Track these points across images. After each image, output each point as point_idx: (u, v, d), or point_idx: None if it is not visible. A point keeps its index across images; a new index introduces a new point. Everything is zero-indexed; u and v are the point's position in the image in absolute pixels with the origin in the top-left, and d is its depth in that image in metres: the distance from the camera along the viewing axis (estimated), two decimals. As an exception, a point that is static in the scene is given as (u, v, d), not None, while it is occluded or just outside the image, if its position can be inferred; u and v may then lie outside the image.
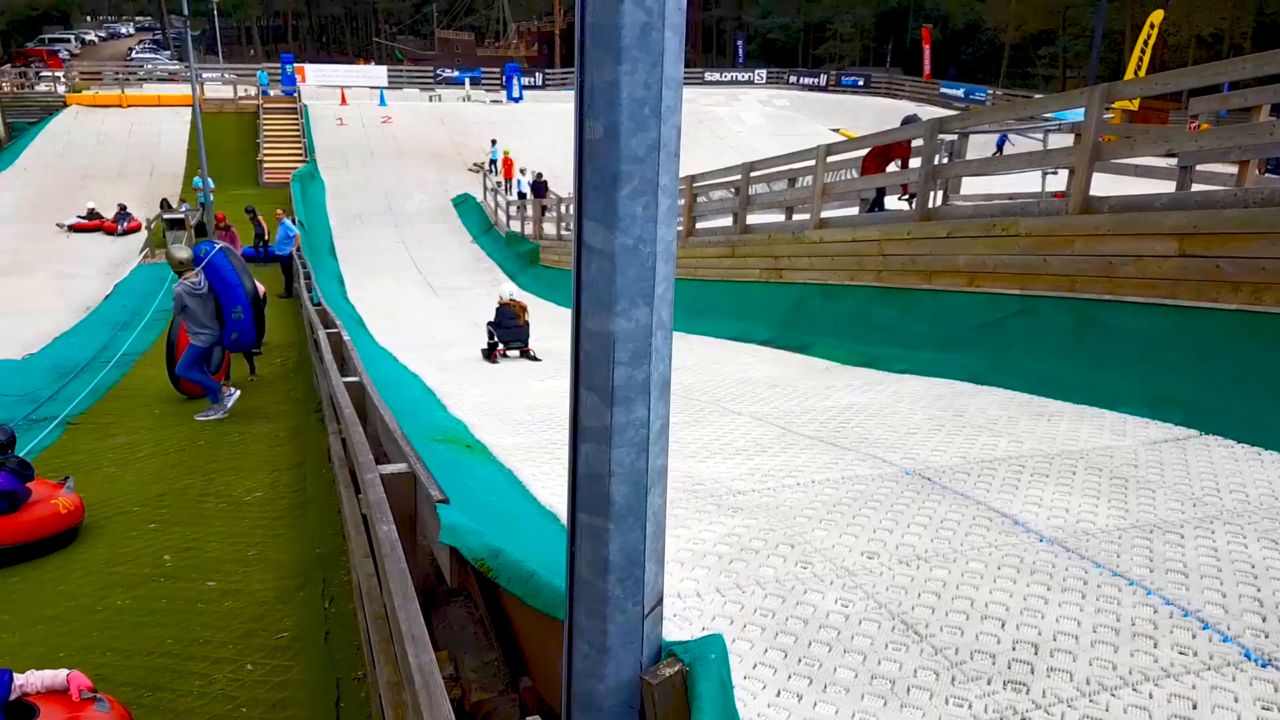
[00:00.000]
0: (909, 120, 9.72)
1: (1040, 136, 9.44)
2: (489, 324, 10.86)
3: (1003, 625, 2.75)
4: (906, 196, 10.68)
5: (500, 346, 10.64)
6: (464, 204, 30.05)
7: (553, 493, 4.38)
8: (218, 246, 9.78)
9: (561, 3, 73.32)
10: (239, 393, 10.25)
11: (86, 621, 5.13)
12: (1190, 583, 2.99)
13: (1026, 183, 12.12)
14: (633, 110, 1.12)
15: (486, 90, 49.00)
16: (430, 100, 44.87)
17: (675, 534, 3.44)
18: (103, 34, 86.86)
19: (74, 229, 26.97)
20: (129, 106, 38.76)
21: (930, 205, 9.14)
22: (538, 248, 22.48)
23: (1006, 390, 6.22)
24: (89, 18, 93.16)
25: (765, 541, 3.44)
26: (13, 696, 3.63)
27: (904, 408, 5.93)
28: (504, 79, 47.68)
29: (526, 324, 10.88)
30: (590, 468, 1.27)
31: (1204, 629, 2.68)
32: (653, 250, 1.18)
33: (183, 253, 9.84)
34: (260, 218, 23.21)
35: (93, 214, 27.44)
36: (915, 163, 10.49)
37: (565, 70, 61.11)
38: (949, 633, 2.71)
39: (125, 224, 27.18)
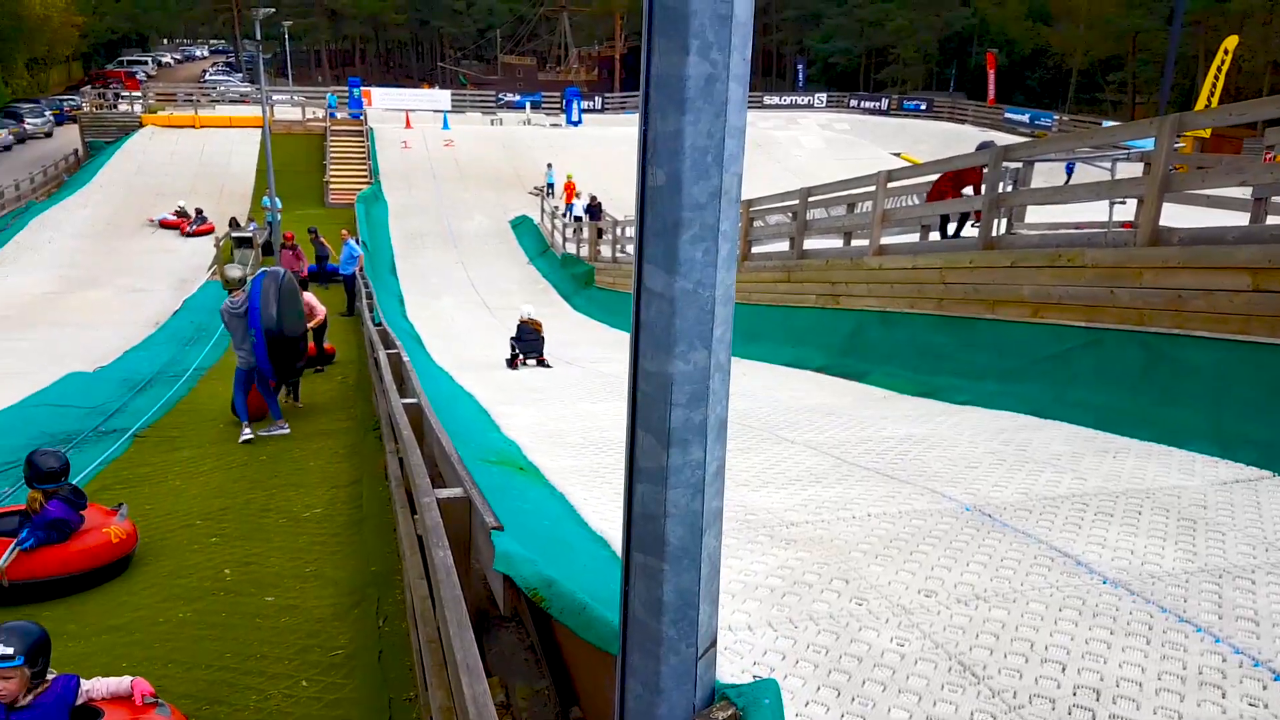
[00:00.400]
0: (984, 146, 9.60)
1: (1108, 165, 9.25)
2: (512, 338, 12.72)
3: (1063, 669, 2.68)
4: (977, 225, 10.53)
5: (520, 356, 12.55)
6: (521, 225, 30.42)
7: (603, 518, 4.38)
8: (268, 271, 9.97)
9: (623, 28, 74.11)
10: (286, 429, 9.97)
11: (149, 633, 5.25)
12: (1261, 631, 2.89)
13: (1093, 212, 11.90)
14: (695, 159, 1.13)
15: (546, 114, 49.65)
16: (491, 124, 45.58)
17: (726, 565, 3.42)
18: (178, 56, 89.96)
19: (163, 224, 30.27)
20: (201, 127, 39.97)
21: (994, 233, 9.03)
22: (593, 270, 22.64)
23: (1071, 425, 6.09)
24: (166, 41, 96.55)
25: (819, 576, 3.40)
26: (79, 701, 3.75)
27: (964, 440, 5.84)
28: (564, 103, 48.25)
29: (542, 338, 12.83)
30: (646, 508, 1.27)
31: (1275, 680, 2.59)
32: (712, 294, 1.19)
33: (235, 271, 10.07)
34: (323, 238, 23.57)
35: (181, 213, 30.53)
36: (962, 192, 10.38)
37: (625, 94, 61.66)
38: (1007, 675, 2.65)
39: (196, 226, 29.62)
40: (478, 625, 2.45)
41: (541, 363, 12.55)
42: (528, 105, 50.67)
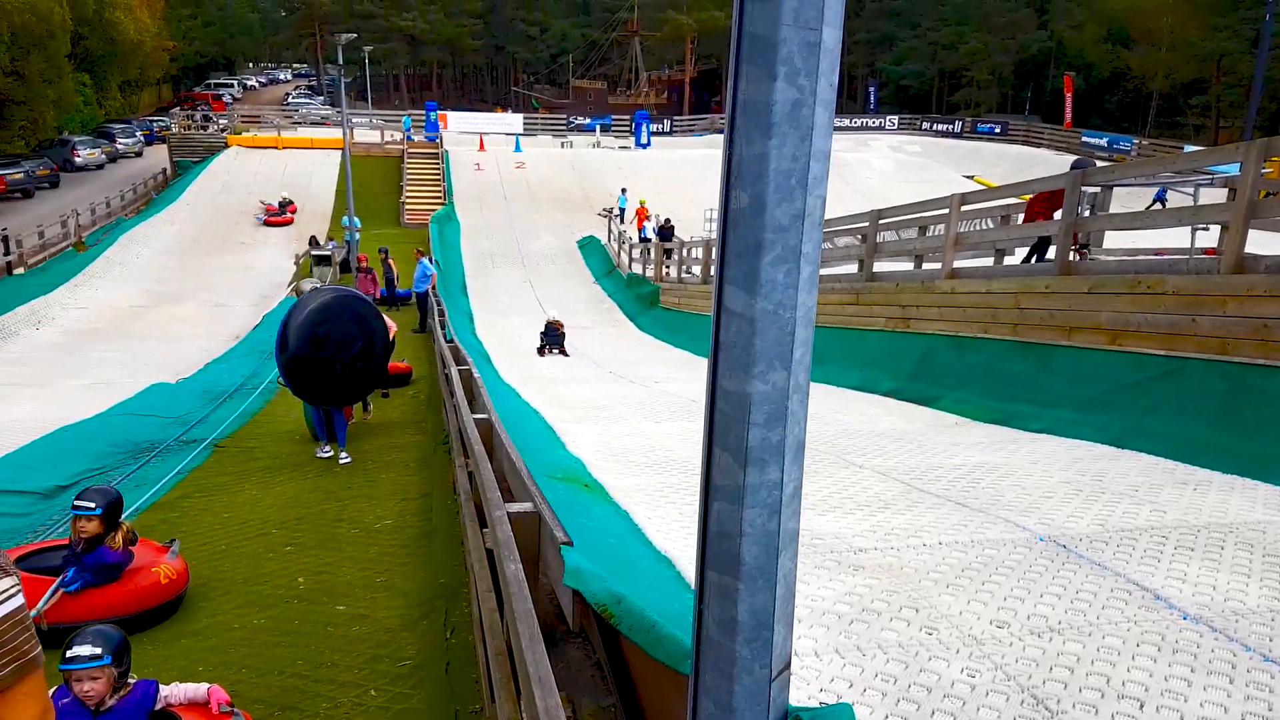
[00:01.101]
0: (1078, 166, 9.43)
1: (1190, 190, 9.01)
2: (541, 334, 17.73)
3: (1141, 706, 2.61)
4: (1076, 246, 10.32)
5: (546, 347, 17.28)
6: (588, 246, 30.72)
7: (667, 537, 4.39)
8: (323, 288, 9.92)
9: (694, 52, 74.51)
10: (329, 454, 9.68)
11: (225, 638, 5.40)
12: (1354, 675, 2.77)
13: (1174, 238, 11.59)
14: (779, 182, 1.15)
15: (616, 136, 50.12)
16: (562, 146, 46.16)
17: (795, 589, 3.40)
18: (263, 80, 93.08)
19: (268, 222, 33.19)
20: (284, 148, 41.22)
21: (1071, 258, 8.85)
22: (658, 290, 22.73)
23: (1149, 455, 5.93)
24: (251, 65, 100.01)
25: (888, 604, 3.36)
26: (158, 707, 3.84)
27: (1039, 469, 5.72)
28: (633, 126, 48.69)
29: (562, 334, 17.72)
30: (721, 526, 1.29)
31: (1370, 727, 2.49)
32: (793, 316, 1.20)
33: (308, 287, 10.24)
34: (391, 261, 23.62)
35: (284, 204, 33.92)
36: (1055, 214, 10.19)
37: (694, 117, 61.98)
38: (1082, 710, 2.59)
39: (284, 213, 33.65)
40: (545, 641, 2.47)
41: (562, 352, 17.41)
42: (598, 128, 51.27)
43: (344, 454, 9.57)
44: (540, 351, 17.46)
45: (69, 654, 3.61)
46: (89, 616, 5.06)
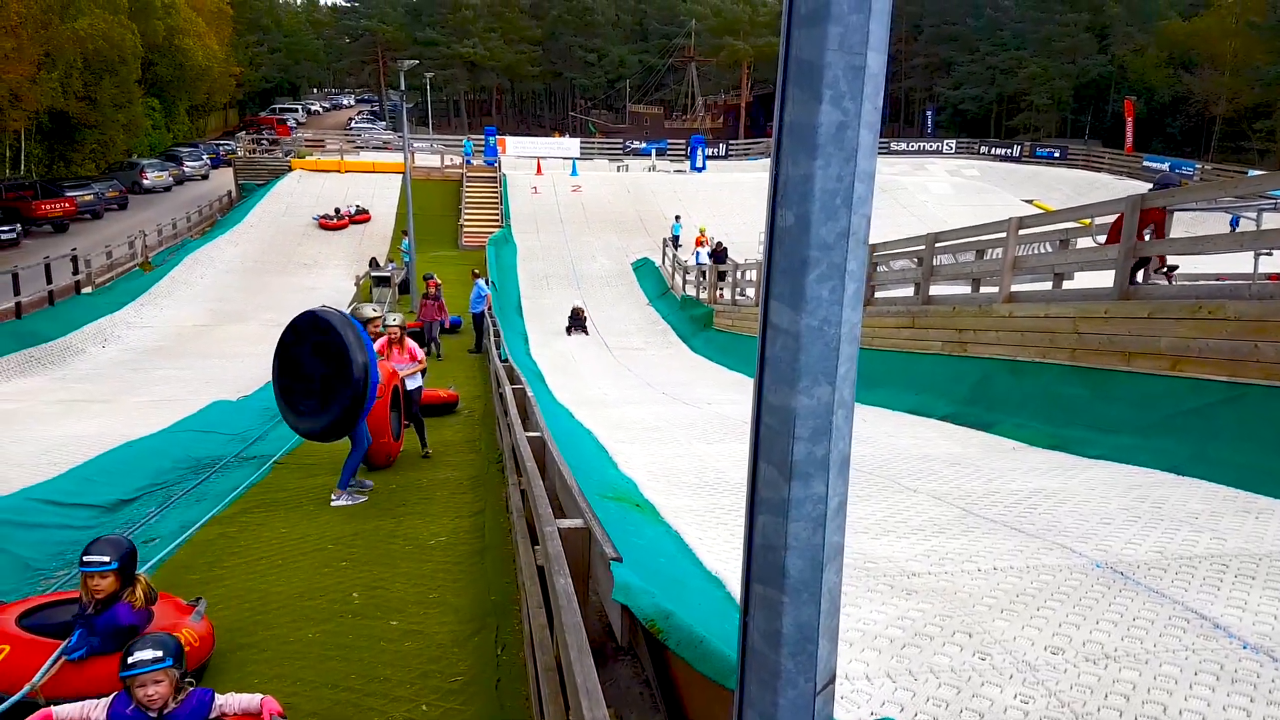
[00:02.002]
0: (1162, 185, 9.27)
1: (1254, 215, 8.81)
2: (568, 317, 24.62)
3: (1200, 738, 2.56)
4: (1164, 270, 10.14)
5: (571, 329, 23.96)
6: (642, 268, 30.88)
7: (718, 558, 4.40)
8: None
9: (749, 77, 74.76)
10: (363, 498, 8.80)
11: (279, 651, 5.49)
12: None
13: (1237, 263, 11.32)
14: (824, 201, 1.18)
15: (671, 160, 50.42)
16: (618, 170, 46.54)
17: (845, 613, 3.38)
18: (327, 105, 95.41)
19: (322, 224, 35.59)
20: (346, 172, 42.12)
21: (1159, 281, 8.70)
22: (712, 312, 22.75)
23: (1210, 483, 5.80)
24: (315, 90, 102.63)
25: (941, 628, 3.33)
26: (213, 715, 3.91)
27: (1096, 495, 5.63)
28: (689, 149, 48.97)
29: (585, 319, 24.70)
30: (766, 539, 1.31)
31: None
32: (837, 332, 1.23)
33: (368, 311, 9.71)
34: (438, 284, 21.40)
35: (336, 213, 36.16)
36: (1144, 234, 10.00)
37: (749, 140, 62.11)
38: (1138, 741, 2.55)
39: (352, 215, 36.20)
40: (594, 657, 2.50)
41: (583, 331, 24.26)
42: (653, 152, 51.62)
43: (337, 494, 8.57)
44: (568, 331, 24.32)
45: (131, 659, 3.67)
46: (93, 690, 4.15)
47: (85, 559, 4.52)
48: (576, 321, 24.48)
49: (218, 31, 63.47)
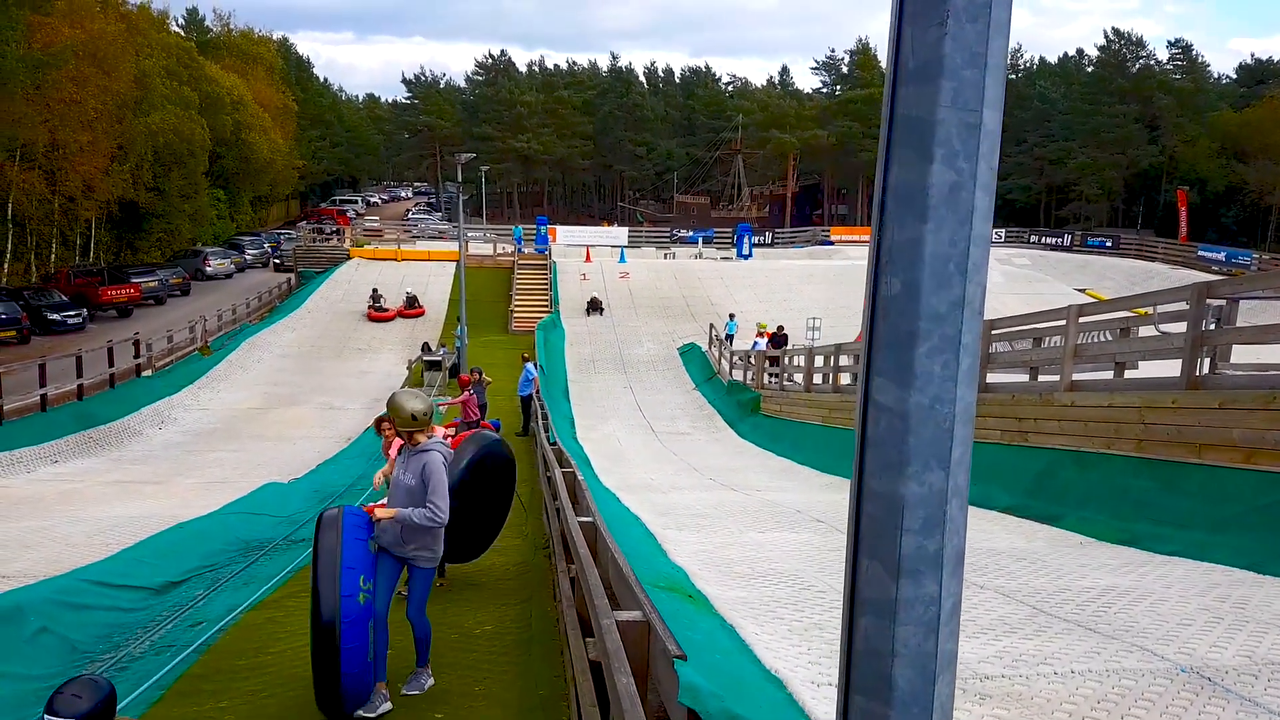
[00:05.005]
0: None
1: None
2: (587, 302, 35.94)
3: None
4: None
5: (591, 310, 34.82)
6: (689, 353, 30.90)
7: (777, 655, 4.22)
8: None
9: (795, 167, 75.78)
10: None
11: (323, 741, 5.33)
12: None
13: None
14: (935, 267, 1.08)
15: (718, 248, 50.99)
16: (665, 257, 47.11)
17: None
18: (385, 196, 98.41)
19: (370, 317, 35.66)
20: (402, 260, 43.13)
21: (1197, 372, 8.43)
22: (759, 397, 22.58)
23: (1294, 582, 5.48)
24: (375, 182, 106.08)
25: (1022, 737, 3.11)
26: None
27: (1174, 594, 5.35)
28: (735, 238, 49.53)
29: (602, 305, 35.76)
30: (869, 644, 1.17)
31: None
32: (951, 411, 1.11)
33: (417, 404, 6.11)
34: (485, 378, 19.52)
35: (376, 297, 36.39)
36: (1180, 327, 9.75)
37: (795, 229, 62.63)
38: None
39: (401, 307, 36.23)
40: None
41: (599, 312, 34.83)
42: (700, 240, 52.28)
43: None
44: (587, 312, 35.33)
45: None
46: None
47: (51, 709, 3.29)
48: (596, 306, 35.61)
49: (282, 126, 66.01)
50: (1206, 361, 9.34)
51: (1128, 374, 11.06)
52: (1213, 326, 9.95)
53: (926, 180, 1.07)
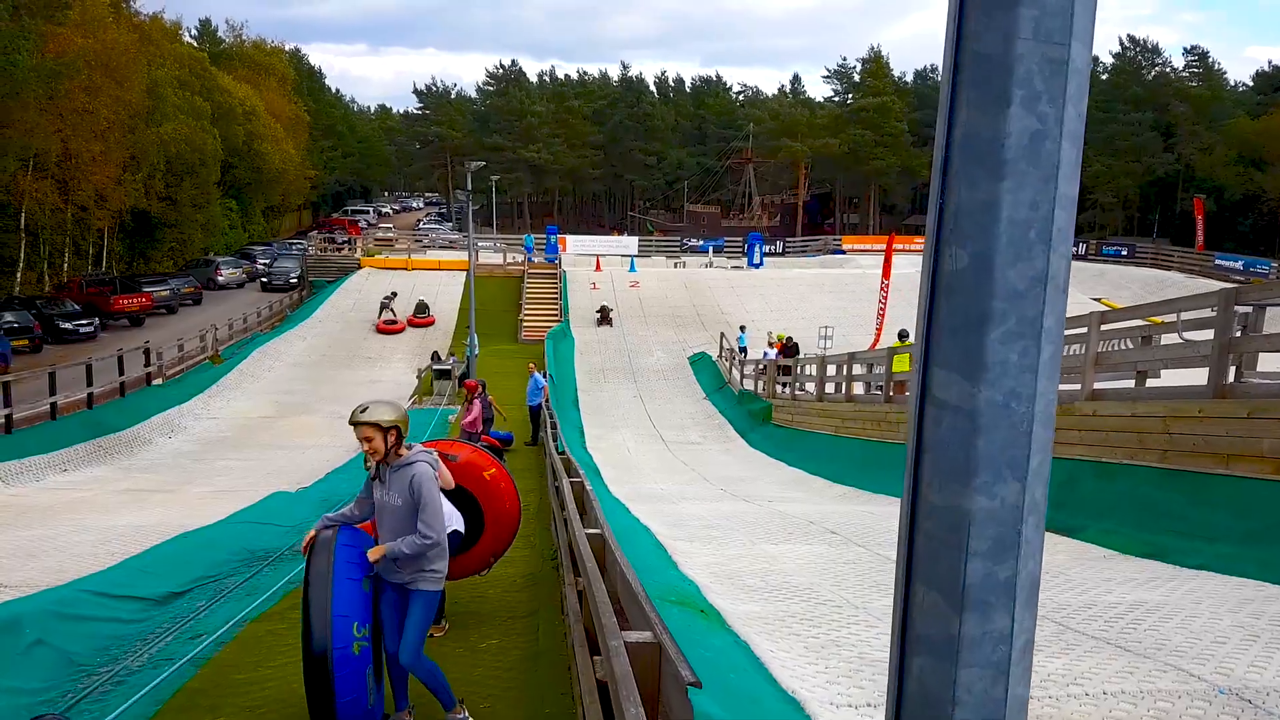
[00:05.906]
0: None
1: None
2: (596, 312, 36.02)
3: None
4: None
5: (600, 321, 35.40)
6: (699, 362, 30.69)
7: (793, 674, 4.03)
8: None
9: (806, 176, 75.57)
10: None
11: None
12: None
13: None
14: (1013, 235, 0.89)
15: (728, 257, 50.82)
16: (675, 266, 46.96)
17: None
18: (396, 207, 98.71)
19: (380, 329, 35.41)
20: (413, 269, 43.09)
21: (1225, 381, 8.19)
22: (770, 407, 22.35)
23: (1330, 597, 5.26)
24: (386, 192, 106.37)
25: (1060, 768, 2.90)
26: None
27: (1204, 611, 5.14)
28: (745, 246, 49.35)
29: (610, 315, 35.54)
30: (925, 690, 0.97)
31: None
32: (1029, 410, 0.91)
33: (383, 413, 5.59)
34: (491, 398, 18.78)
35: (385, 305, 36.69)
36: (1204, 335, 9.52)
37: (807, 238, 62.41)
38: None
39: (412, 317, 36.28)
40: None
41: (609, 324, 35.03)
42: (711, 249, 52.12)
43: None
44: (598, 322, 35.21)
45: None
46: None
47: None
48: (605, 315, 35.45)
49: (294, 136, 66.24)
50: (1233, 370, 9.11)
51: (1149, 383, 10.83)
52: (1239, 334, 9.73)
53: (1003, 128, 0.87)
